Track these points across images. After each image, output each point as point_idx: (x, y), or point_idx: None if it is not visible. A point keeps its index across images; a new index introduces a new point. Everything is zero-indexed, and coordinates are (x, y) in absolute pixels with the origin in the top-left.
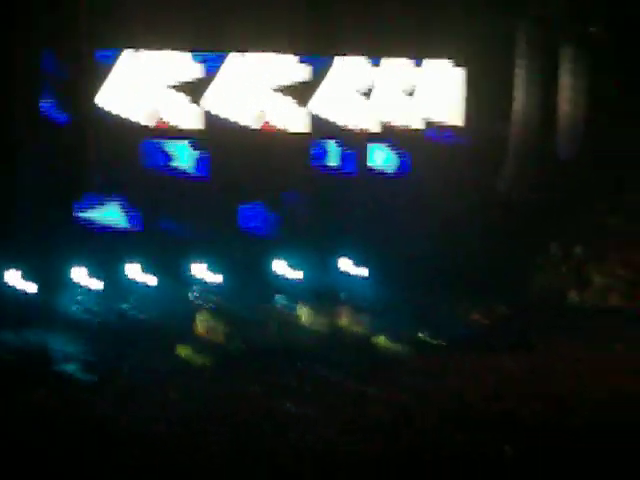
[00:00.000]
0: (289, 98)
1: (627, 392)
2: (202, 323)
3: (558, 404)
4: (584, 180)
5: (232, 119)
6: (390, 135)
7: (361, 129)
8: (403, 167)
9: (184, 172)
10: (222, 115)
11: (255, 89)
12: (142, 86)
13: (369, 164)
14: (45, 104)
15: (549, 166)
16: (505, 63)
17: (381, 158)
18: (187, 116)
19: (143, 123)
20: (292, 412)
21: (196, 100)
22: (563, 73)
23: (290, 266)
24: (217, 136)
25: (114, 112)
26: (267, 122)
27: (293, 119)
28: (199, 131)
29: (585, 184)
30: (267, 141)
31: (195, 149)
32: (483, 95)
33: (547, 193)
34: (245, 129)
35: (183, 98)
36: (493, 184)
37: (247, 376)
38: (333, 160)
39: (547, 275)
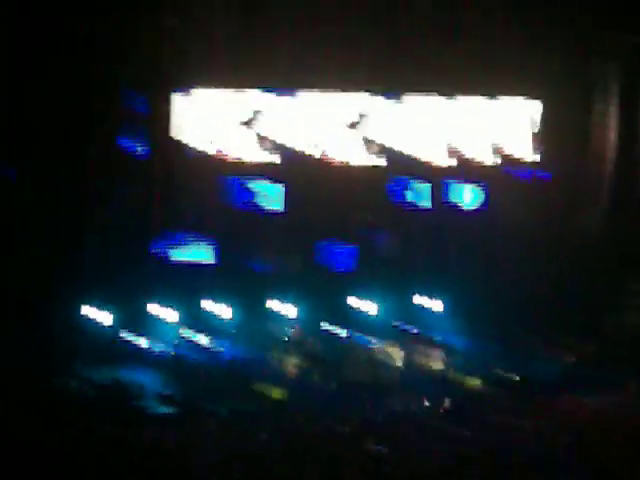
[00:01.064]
0: (365, 134)
1: None
2: (282, 359)
3: None
4: None
5: (307, 154)
6: (468, 171)
7: (438, 165)
8: (481, 202)
9: (261, 207)
10: (298, 150)
11: (331, 126)
12: (219, 123)
13: (446, 199)
14: (125, 141)
15: (630, 203)
16: (584, 100)
17: (458, 193)
18: (264, 152)
19: (220, 159)
20: (382, 451)
21: (272, 137)
22: None
23: (369, 301)
24: (293, 171)
25: (193, 149)
26: (342, 159)
27: (368, 154)
28: (275, 166)
29: None
30: (344, 176)
31: (272, 184)
32: (561, 131)
33: (629, 231)
34: (321, 164)
35: (259, 134)
36: (573, 221)
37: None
38: (410, 195)
39: (634, 312)
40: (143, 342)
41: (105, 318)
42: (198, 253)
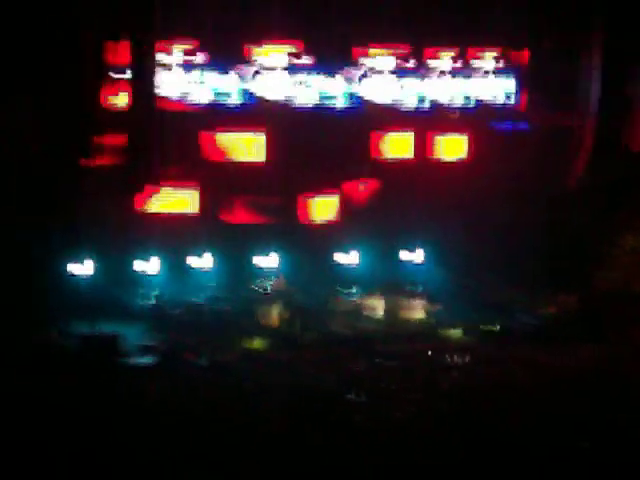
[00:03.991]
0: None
1: None
2: (266, 312)
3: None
4: None
5: (288, 104)
6: (449, 121)
7: (420, 116)
8: (463, 153)
9: (245, 160)
10: (278, 100)
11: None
12: (204, 77)
13: (428, 150)
14: (107, 96)
15: (619, 157)
16: (572, 50)
17: (440, 144)
18: (245, 104)
19: (197, 111)
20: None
21: (254, 87)
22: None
23: (351, 252)
24: (274, 122)
25: (176, 103)
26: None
27: (349, 105)
28: (256, 116)
29: None
30: (327, 125)
31: (253, 134)
32: (548, 82)
33: (620, 184)
34: (302, 115)
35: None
36: (559, 174)
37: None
38: (401, 148)
39: (616, 266)
40: (124, 294)
41: (86, 271)
42: (179, 205)
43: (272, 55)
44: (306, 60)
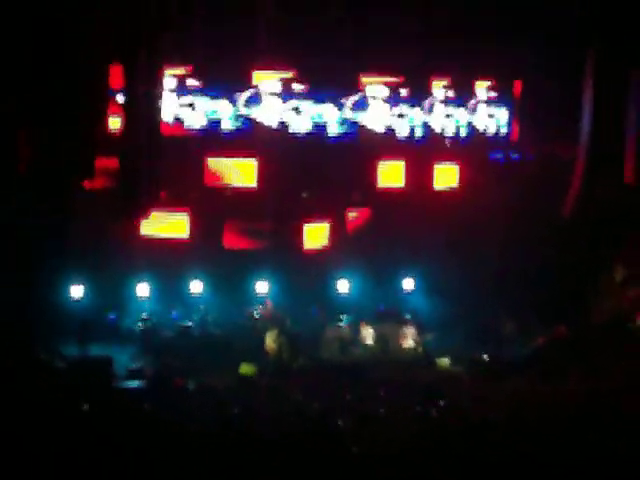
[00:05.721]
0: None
1: None
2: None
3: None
4: None
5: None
6: (443, 150)
7: (412, 144)
8: (465, 185)
9: (244, 187)
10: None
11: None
12: (206, 104)
13: (420, 178)
14: (111, 119)
15: (615, 188)
16: (571, 84)
17: (432, 172)
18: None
19: (206, 140)
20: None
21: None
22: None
23: (342, 280)
24: (267, 148)
25: (170, 128)
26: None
27: (341, 132)
28: (249, 142)
29: None
30: (317, 153)
31: (245, 160)
32: (540, 112)
33: (612, 215)
34: (294, 141)
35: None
36: (552, 203)
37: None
38: (393, 177)
39: (612, 298)
40: (115, 317)
41: (77, 293)
42: (172, 229)
43: (266, 81)
44: (300, 87)
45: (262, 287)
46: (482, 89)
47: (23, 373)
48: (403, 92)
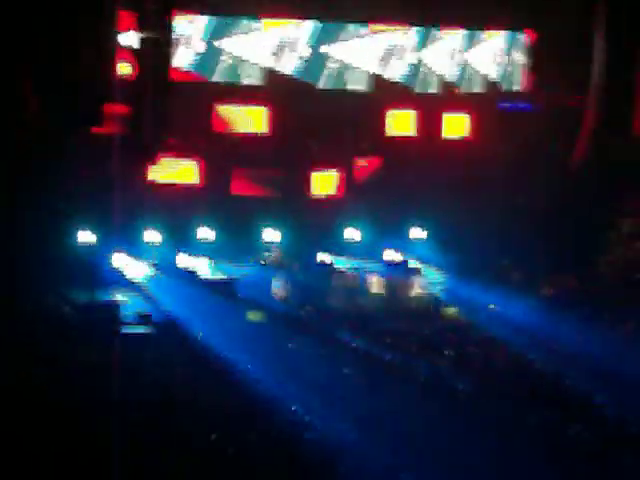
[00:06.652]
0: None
1: None
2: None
3: None
4: None
5: (292, 78)
6: (460, 103)
7: (424, 93)
8: (475, 134)
9: (254, 135)
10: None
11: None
12: (217, 50)
13: (432, 128)
14: (121, 67)
15: (623, 140)
16: (578, 32)
17: (452, 125)
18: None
19: (203, 82)
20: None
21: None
22: None
23: (354, 228)
24: (279, 95)
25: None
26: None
27: (354, 81)
28: (260, 89)
29: None
30: (329, 102)
31: (257, 107)
32: (550, 63)
33: (620, 167)
34: (306, 89)
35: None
36: (561, 155)
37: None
38: (403, 125)
39: (618, 250)
40: (123, 262)
41: (87, 238)
42: (181, 175)
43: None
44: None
45: (270, 234)
46: (494, 38)
47: (30, 317)
48: (416, 40)
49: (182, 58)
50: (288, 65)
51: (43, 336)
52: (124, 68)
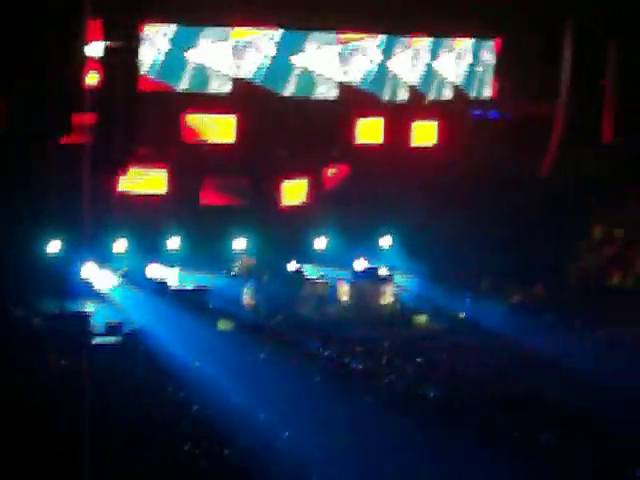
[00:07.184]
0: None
1: None
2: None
3: None
4: (628, 163)
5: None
6: (422, 107)
7: (392, 100)
8: (443, 143)
9: (222, 144)
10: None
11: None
12: (170, 57)
13: (399, 135)
14: (89, 77)
15: (592, 148)
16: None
17: (421, 133)
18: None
19: (171, 92)
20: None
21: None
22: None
23: (321, 236)
24: (245, 104)
25: (157, 84)
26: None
27: (321, 88)
28: (227, 99)
29: (629, 167)
30: (296, 109)
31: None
32: (517, 71)
33: (590, 175)
34: (273, 97)
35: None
36: (532, 163)
37: None
38: (372, 134)
39: (588, 257)
40: (92, 273)
41: (56, 249)
42: (150, 185)
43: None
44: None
45: (240, 243)
46: (462, 46)
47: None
48: (381, 49)
49: (150, 67)
50: (256, 73)
51: (13, 346)
52: (93, 78)
